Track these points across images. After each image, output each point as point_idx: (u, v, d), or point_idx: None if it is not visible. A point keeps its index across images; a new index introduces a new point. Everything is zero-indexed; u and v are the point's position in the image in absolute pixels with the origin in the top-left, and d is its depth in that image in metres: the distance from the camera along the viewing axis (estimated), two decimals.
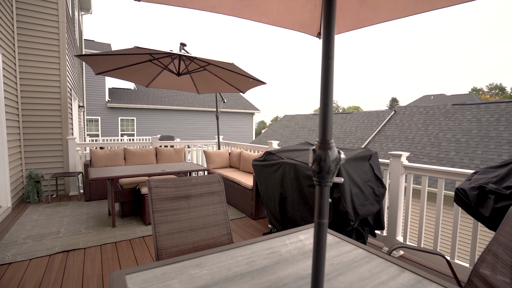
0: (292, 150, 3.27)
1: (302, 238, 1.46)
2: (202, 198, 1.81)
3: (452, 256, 2.49)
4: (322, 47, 0.83)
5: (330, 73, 0.82)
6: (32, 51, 4.78)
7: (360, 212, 2.51)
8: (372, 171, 2.77)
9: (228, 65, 3.80)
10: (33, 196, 4.46)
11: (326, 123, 0.83)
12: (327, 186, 0.84)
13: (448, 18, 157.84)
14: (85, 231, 3.37)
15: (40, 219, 3.73)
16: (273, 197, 3.19)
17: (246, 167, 4.95)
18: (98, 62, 3.98)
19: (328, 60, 0.82)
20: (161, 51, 3.48)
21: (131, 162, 5.27)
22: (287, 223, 3.05)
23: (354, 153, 2.75)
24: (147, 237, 3.26)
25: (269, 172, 3.21)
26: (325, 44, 0.83)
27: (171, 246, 1.62)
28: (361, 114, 13.68)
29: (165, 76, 5.07)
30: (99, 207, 4.34)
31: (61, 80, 5.06)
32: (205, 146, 6.83)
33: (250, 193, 4.00)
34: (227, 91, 5.34)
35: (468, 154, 8.00)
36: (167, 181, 1.73)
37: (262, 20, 2.26)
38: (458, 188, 1.95)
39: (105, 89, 15.56)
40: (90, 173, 3.52)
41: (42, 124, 4.91)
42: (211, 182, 1.87)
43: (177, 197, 1.72)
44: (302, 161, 2.77)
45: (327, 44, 0.83)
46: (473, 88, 58.69)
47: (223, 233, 1.82)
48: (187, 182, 1.79)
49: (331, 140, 0.83)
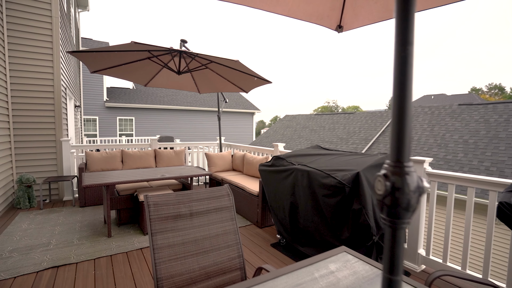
0: (303, 155, 3.02)
1: (333, 269, 1.21)
2: (210, 216, 1.55)
3: None
4: (396, 30, 0.58)
5: (409, 66, 0.57)
6: (23, 47, 4.50)
7: (382, 226, 2.26)
8: None
9: (232, 62, 3.54)
10: (24, 201, 4.19)
11: (402, 139, 0.58)
12: (403, 228, 0.59)
13: (447, 18, 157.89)
14: (78, 242, 3.11)
15: (30, 228, 3.47)
16: (282, 206, 2.94)
17: (250, 171, 4.70)
18: (93, 59, 3.71)
19: (407, 47, 0.57)
20: (160, 47, 3.22)
21: (129, 165, 5.01)
22: (298, 234, 2.80)
23: (373, 159, 2.50)
24: (145, 249, 3.01)
25: (279, 178, 2.96)
26: (400, 24, 0.57)
27: (174, 274, 1.36)
28: (364, 114, 13.44)
29: (164, 75, 4.81)
30: (94, 214, 4.08)
31: (54, 78, 4.78)
32: (206, 148, 6.57)
33: (256, 199, 3.75)
34: (229, 90, 5.09)
35: (477, 155, 7.77)
36: (169, 196, 1.47)
37: (276, 10, 2.00)
38: (502, 203, 1.71)
39: (103, 88, 15.26)
40: (84, 178, 3.25)
41: (34, 125, 4.63)
42: (220, 196, 1.62)
43: (180, 215, 1.46)
44: (316, 168, 2.52)
45: (404, 24, 0.57)
46: (472, 88, 58.63)
47: (233, 256, 1.56)
48: (191, 196, 1.54)
49: (409, 163, 0.58)
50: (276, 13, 1.95)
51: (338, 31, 2.19)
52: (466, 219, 2.34)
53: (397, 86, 0.58)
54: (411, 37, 0.57)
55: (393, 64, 0.58)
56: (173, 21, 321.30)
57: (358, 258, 1.31)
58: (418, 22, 14.52)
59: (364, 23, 2.01)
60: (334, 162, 2.64)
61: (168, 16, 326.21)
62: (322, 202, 2.41)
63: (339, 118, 14.45)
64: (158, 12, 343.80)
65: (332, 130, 13.62)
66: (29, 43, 4.55)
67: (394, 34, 0.58)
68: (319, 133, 14.09)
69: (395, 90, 0.58)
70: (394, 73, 0.58)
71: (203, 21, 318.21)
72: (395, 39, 0.58)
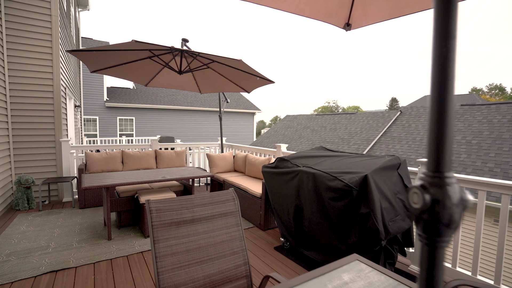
0: (308, 156, 2.95)
1: (347, 279, 1.14)
2: (215, 221, 1.48)
3: None
4: (436, 21, 0.51)
5: (451, 63, 0.50)
6: (22, 46, 4.43)
7: (390, 230, 2.19)
8: (402, 181, 2.45)
9: (235, 62, 3.47)
10: (22, 203, 4.12)
11: (442, 146, 0.51)
12: (443, 247, 0.52)
13: None
14: (78, 245, 3.04)
15: (29, 230, 3.40)
16: (287, 208, 2.88)
17: (253, 172, 4.63)
18: (93, 58, 3.65)
19: (449, 41, 0.50)
20: (161, 46, 3.15)
21: (129, 166, 4.94)
22: (303, 237, 2.74)
23: (381, 161, 2.43)
24: (146, 252, 2.94)
25: (283, 180, 2.89)
26: (442, 13, 0.50)
27: (178, 284, 1.30)
28: (365, 114, 13.37)
29: (165, 75, 4.75)
30: (94, 216, 4.01)
31: (54, 77, 4.72)
32: (207, 148, 6.50)
33: (258, 201, 3.68)
34: (231, 90, 5.02)
35: (480, 156, 7.70)
36: (172, 202, 1.40)
37: (282, 7, 1.93)
38: None
39: (104, 88, 15.19)
40: (83, 180, 3.19)
41: (33, 125, 4.57)
42: (225, 200, 1.55)
43: (183, 221, 1.39)
44: (322, 170, 2.45)
45: (447, 14, 0.50)
46: (472, 88, 58.51)
47: (239, 263, 1.49)
48: (195, 201, 1.47)
49: (449, 173, 0.51)
50: (283, 10, 1.88)
51: (346, 29, 2.12)
52: (477, 223, 2.27)
53: (436, 86, 0.51)
54: (454, 29, 0.50)
55: (431, 61, 0.51)
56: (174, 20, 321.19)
57: (372, 268, 1.24)
58: (418, 21, 14.20)
59: (373, 21, 1.94)
60: (340, 164, 2.57)
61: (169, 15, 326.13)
62: (328, 206, 2.34)
63: (340, 118, 14.38)
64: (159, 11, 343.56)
65: (334, 130, 13.55)
66: (29, 42, 4.48)
67: (433, 26, 0.51)
68: (320, 133, 14.01)
69: (434, 91, 0.51)
70: (432, 71, 0.51)
71: (204, 20, 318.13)
72: (434, 32, 0.51)
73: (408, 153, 9.44)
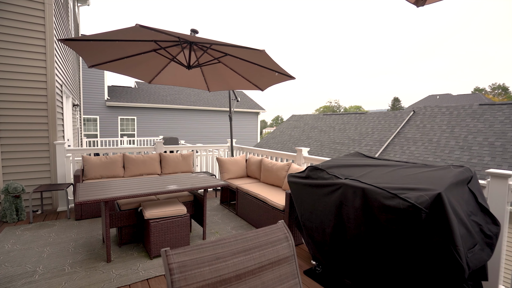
0: (348, 165, 2.46)
1: None
2: (263, 275, 0.99)
3: None
4: None
5: None
6: (11, 37, 3.95)
7: (470, 264, 1.70)
8: (475, 199, 1.96)
9: (256, 53, 2.98)
10: (10, 214, 3.64)
11: None
12: None
13: (450, 17, 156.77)
14: (70, 269, 2.55)
15: (14, 249, 2.92)
16: (322, 228, 2.38)
17: (269, 179, 4.13)
18: (91, 51, 3.16)
19: None
20: (170, 32, 2.66)
21: (132, 171, 4.46)
22: (344, 264, 2.24)
23: (451, 174, 1.93)
24: (152, 279, 2.45)
25: (318, 194, 2.39)
26: None
27: None
28: (376, 114, 12.86)
29: (171, 70, 4.26)
30: (91, 229, 3.52)
31: (47, 73, 4.23)
32: (216, 151, 6.01)
33: (280, 214, 3.19)
34: (243, 88, 4.53)
35: (506, 159, 7.20)
36: (201, 250, 0.91)
37: None
38: None
39: (104, 87, 14.71)
40: (78, 192, 2.70)
41: (24, 125, 4.08)
42: (276, 241, 1.06)
43: (222, 280, 0.90)
44: (374, 185, 1.96)
45: None
46: (475, 88, 57.85)
47: None
48: (235, 245, 0.98)
49: None
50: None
51: (417, 5, 1.64)
52: None
53: None
54: None
55: None
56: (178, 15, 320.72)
57: None
58: (421, 21, 13.64)
59: None
60: (394, 176, 2.08)
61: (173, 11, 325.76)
62: (384, 230, 1.85)
63: (350, 118, 13.86)
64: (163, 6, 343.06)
65: (343, 131, 13.04)
66: (19, 33, 3.99)
67: None
68: (329, 134, 13.51)
69: None
70: None
71: (205, 19, 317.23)
72: None
73: (425, 155, 8.93)
